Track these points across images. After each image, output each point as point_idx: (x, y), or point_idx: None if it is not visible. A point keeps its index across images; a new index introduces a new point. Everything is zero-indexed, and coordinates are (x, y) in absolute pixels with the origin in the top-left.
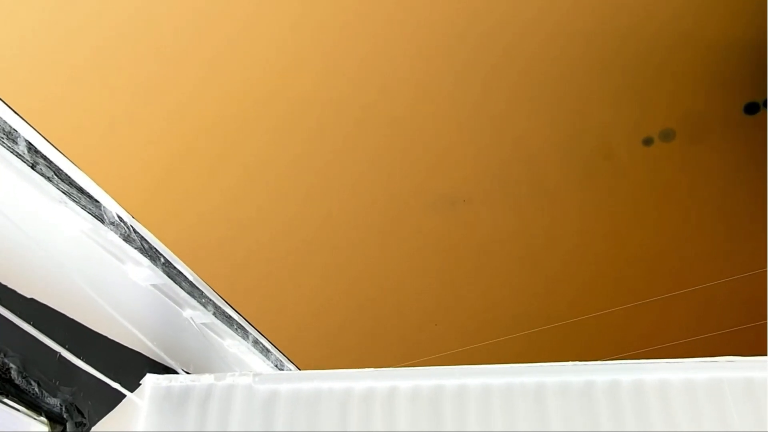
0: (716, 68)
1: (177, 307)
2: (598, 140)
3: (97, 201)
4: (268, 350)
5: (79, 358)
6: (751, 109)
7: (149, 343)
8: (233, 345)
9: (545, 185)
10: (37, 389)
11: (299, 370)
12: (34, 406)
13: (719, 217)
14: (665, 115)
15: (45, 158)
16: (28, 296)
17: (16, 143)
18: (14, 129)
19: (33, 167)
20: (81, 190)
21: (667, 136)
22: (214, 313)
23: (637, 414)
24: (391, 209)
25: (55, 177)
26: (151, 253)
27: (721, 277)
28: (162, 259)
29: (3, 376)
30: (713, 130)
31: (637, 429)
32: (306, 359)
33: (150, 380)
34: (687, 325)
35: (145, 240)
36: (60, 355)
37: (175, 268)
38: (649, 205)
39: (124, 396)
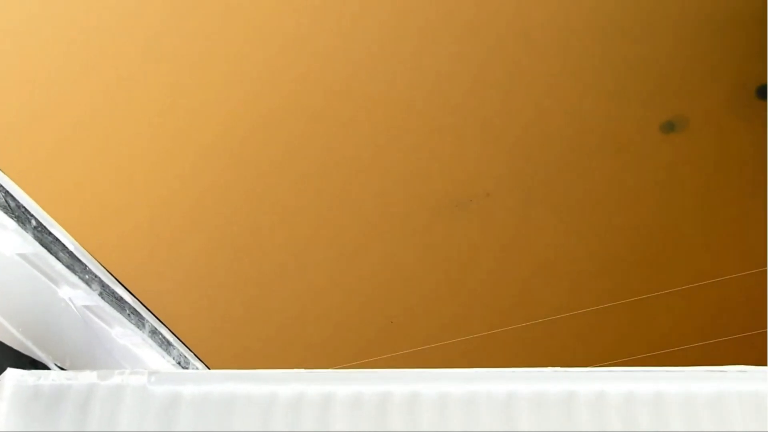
0: (725, 51)
1: (51, 284)
2: (607, 131)
3: None
4: (169, 343)
5: None
6: (764, 92)
7: (12, 330)
8: (124, 335)
9: (543, 183)
10: None
11: (208, 369)
12: None
13: (724, 210)
14: (674, 105)
15: None
16: None
17: None
18: None
19: None
20: None
21: (677, 125)
22: (100, 293)
23: None
24: (315, 180)
25: None
26: (18, 213)
27: (730, 273)
28: (33, 222)
29: None
30: (723, 117)
31: None
32: (218, 357)
33: (11, 377)
34: (691, 329)
35: (11, 196)
36: None
37: (50, 233)
38: (653, 198)
39: None
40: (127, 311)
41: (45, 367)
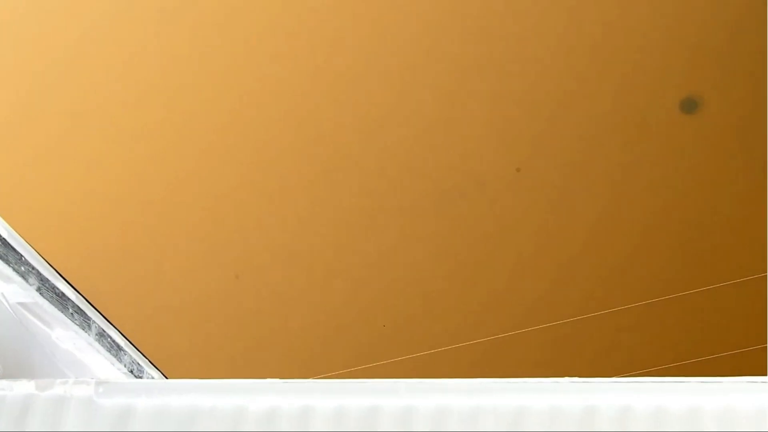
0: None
1: None
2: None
3: None
4: (120, 348)
5: None
6: None
7: None
8: (66, 338)
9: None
10: None
11: (166, 378)
12: None
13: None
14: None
15: None
16: None
17: None
18: None
19: None
20: None
21: (693, 105)
22: (38, 289)
23: None
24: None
25: None
26: None
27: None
28: None
29: None
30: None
31: None
32: (177, 365)
33: None
34: (726, 334)
35: None
36: None
37: None
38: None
39: None
40: (71, 310)
41: None
